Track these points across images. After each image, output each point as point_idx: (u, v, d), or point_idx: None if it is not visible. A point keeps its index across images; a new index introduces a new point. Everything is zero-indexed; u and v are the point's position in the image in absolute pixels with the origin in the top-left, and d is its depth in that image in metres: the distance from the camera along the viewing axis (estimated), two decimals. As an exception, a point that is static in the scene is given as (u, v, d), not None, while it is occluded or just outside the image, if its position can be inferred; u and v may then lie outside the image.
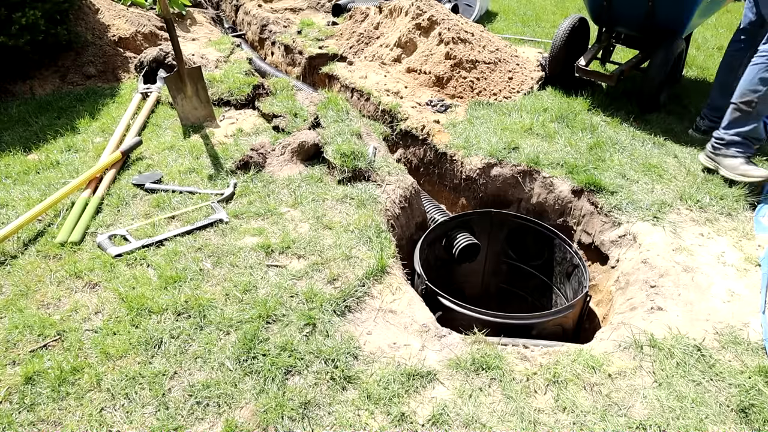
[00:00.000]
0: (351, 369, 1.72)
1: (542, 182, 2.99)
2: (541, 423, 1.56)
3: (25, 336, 1.84)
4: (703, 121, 3.39)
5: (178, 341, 1.82)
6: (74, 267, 2.16)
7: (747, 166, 2.76)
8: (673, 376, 1.72)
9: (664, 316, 2.00)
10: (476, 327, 1.98)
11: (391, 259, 2.25)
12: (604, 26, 3.96)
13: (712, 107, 3.31)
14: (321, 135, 3.14)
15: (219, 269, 2.17)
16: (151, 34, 5.08)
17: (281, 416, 1.56)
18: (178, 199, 2.66)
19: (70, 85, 4.30)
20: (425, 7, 4.53)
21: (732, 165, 2.80)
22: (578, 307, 2.33)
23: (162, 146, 3.18)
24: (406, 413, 1.58)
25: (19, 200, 2.63)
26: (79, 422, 1.55)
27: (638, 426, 1.55)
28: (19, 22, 3.77)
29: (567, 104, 3.77)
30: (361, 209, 2.55)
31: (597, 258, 2.76)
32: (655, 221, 2.53)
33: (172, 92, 3.34)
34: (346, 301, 1.99)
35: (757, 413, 1.59)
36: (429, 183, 3.61)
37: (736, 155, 2.80)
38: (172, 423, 1.54)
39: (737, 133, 2.81)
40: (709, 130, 3.18)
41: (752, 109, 2.74)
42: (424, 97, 4.03)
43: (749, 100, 2.73)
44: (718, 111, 3.16)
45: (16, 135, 3.39)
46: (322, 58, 4.94)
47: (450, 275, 3.13)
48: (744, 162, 2.78)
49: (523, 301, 3.14)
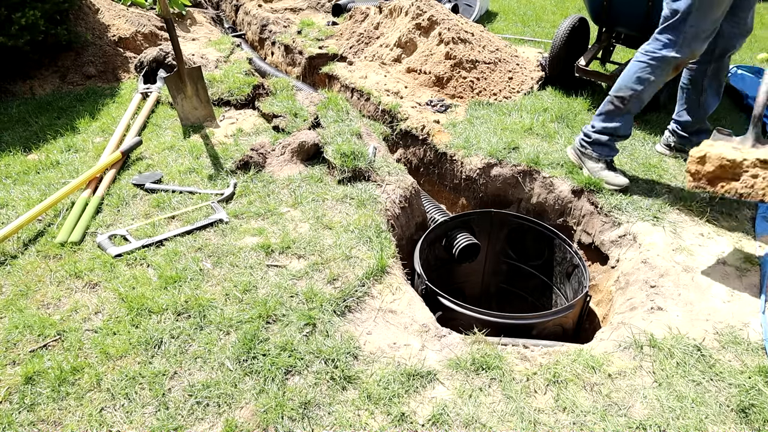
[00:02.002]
0: (351, 369, 1.72)
1: (542, 182, 2.99)
2: (541, 423, 1.56)
3: (25, 336, 1.84)
4: (673, 137, 3.14)
5: (178, 341, 1.82)
6: (74, 267, 2.16)
7: (606, 172, 2.80)
8: (673, 376, 1.72)
9: (664, 316, 2.00)
10: (476, 327, 1.98)
11: (391, 259, 2.25)
12: (604, 26, 3.95)
13: (682, 123, 3.08)
14: (321, 135, 3.14)
15: (219, 269, 2.17)
16: (151, 34, 5.08)
17: (281, 416, 1.56)
18: (178, 199, 2.65)
19: (70, 85, 4.30)
20: (425, 7, 4.53)
21: (593, 168, 2.85)
22: (578, 307, 2.33)
23: (162, 146, 3.18)
24: (406, 413, 1.58)
25: (19, 200, 2.63)
26: (79, 422, 1.55)
27: (638, 426, 1.55)
28: (18, 22, 3.77)
29: (567, 104, 3.77)
30: (361, 209, 2.55)
31: (597, 258, 2.76)
32: (655, 221, 2.53)
33: (172, 92, 3.34)
34: (346, 301, 1.99)
35: (757, 413, 1.59)
36: (429, 183, 3.61)
37: (599, 158, 2.83)
38: (172, 423, 1.54)
39: (604, 129, 2.81)
40: (680, 146, 3.09)
41: (623, 106, 2.72)
42: (424, 97, 4.04)
43: (623, 96, 2.70)
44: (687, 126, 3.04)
45: (16, 135, 3.39)
46: (322, 58, 4.94)
47: (450, 275, 3.13)
48: (605, 168, 2.81)
49: (523, 301, 3.14)
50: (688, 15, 2.40)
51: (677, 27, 2.46)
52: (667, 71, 2.57)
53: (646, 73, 2.61)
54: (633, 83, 2.66)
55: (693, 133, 3.02)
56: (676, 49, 2.49)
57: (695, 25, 2.41)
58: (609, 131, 2.80)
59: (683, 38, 2.46)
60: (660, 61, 2.55)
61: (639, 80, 2.64)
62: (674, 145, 3.13)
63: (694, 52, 2.50)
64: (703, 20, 2.40)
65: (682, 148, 3.08)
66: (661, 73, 2.58)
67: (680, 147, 3.10)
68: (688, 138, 3.04)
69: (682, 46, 2.48)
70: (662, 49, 2.53)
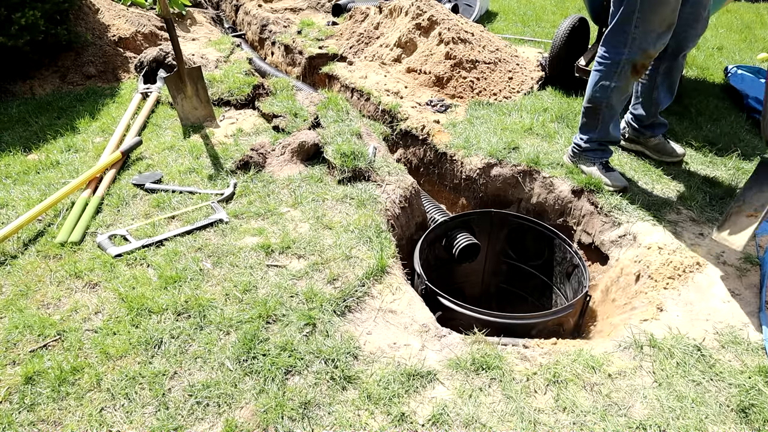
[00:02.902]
0: (351, 369, 1.72)
1: (542, 182, 2.99)
2: (541, 423, 1.56)
3: (25, 336, 1.84)
4: (628, 129, 3.15)
5: (178, 341, 1.82)
6: (74, 267, 2.16)
7: (603, 175, 2.76)
8: (673, 376, 1.72)
9: (664, 316, 2.00)
10: (476, 327, 1.98)
11: (391, 259, 2.25)
12: (604, 26, 3.95)
13: (636, 117, 3.08)
14: (321, 135, 3.14)
15: (219, 269, 2.17)
16: (151, 34, 5.08)
17: (281, 416, 1.56)
18: (178, 199, 2.65)
19: (70, 85, 4.30)
20: (425, 7, 4.53)
21: (591, 172, 2.82)
22: (578, 307, 2.33)
23: (162, 146, 3.18)
24: (406, 413, 1.58)
25: (19, 200, 2.63)
26: (79, 422, 1.55)
27: (638, 426, 1.55)
28: (18, 22, 3.77)
29: (567, 104, 3.77)
30: (361, 209, 2.55)
31: (597, 258, 2.76)
32: (655, 221, 2.53)
33: (172, 92, 3.34)
34: (346, 301, 1.99)
35: (757, 413, 1.59)
36: (429, 183, 3.61)
37: (593, 162, 2.80)
38: (172, 423, 1.54)
39: (590, 139, 2.78)
40: (635, 138, 3.11)
41: (597, 116, 2.69)
42: (424, 97, 4.04)
43: (593, 107, 2.68)
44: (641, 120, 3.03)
45: (16, 135, 3.39)
46: (322, 58, 4.94)
47: (450, 275, 3.13)
48: (601, 169, 2.77)
49: (523, 301, 3.14)
50: (632, 15, 2.35)
51: (622, 28, 2.42)
52: (625, 74, 2.51)
53: (606, 80, 2.58)
54: (597, 93, 2.64)
55: (646, 127, 3.03)
56: (626, 51, 2.44)
57: (640, 25, 2.36)
58: (595, 140, 2.79)
59: (631, 39, 2.41)
60: (614, 65, 2.51)
61: (602, 88, 2.61)
62: (629, 136, 3.15)
63: (648, 52, 2.43)
64: (649, 19, 2.34)
65: (636, 140, 3.11)
66: (621, 77, 2.52)
67: (634, 138, 3.12)
68: (642, 131, 3.05)
69: (631, 47, 2.42)
70: (612, 52, 2.50)
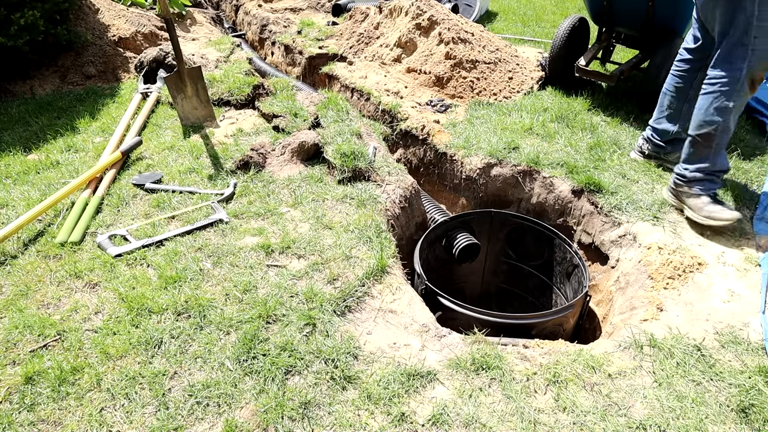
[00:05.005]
0: (351, 369, 1.72)
1: (542, 182, 2.99)
2: (541, 423, 1.56)
3: (25, 336, 1.84)
4: (647, 145, 2.99)
5: (178, 341, 1.82)
6: (74, 267, 2.16)
7: (712, 206, 2.44)
8: (673, 376, 1.72)
9: (664, 316, 2.00)
10: (476, 327, 1.98)
11: (391, 259, 2.25)
12: (604, 26, 3.96)
13: (660, 131, 2.92)
14: (321, 135, 3.14)
15: (219, 269, 2.17)
16: (151, 34, 5.08)
17: (281, 416, 1.56)
18: (178, 199, 2.65)
19: (70, 85, 4.30)
20: (425, 7, 4.53)
21: (696, 205, 2.49)
22: (578, 307, 2.33)
23: (162, 146, 3.18)
24: (406, 413, 1.58)
25: (19, 200, 2.63)
26: (79, 422, 1.55)
27: (638, 426, 1.55)
28: (18, 22, 3.77)
29: (567, 104, 3.77)
30: (361, 209, 2.55)
31: (597, 258, 2.76)
32: (655, 221, 2.53)
33: (172, 92, 3.34)
34: (346, 301, 1.99)
35: (757, 413, 1.59)
36: (429, 183, 3.61)
37: (700, 194, 2.49)
38: (172, 423, 1.54)
39: (698, 169, 2.51)
40: (654, 155, 2.97)
41: (712, 142, 2.45)
42: (424, 97, 4.04)
43: (707, 133, 2.44)
44: (664, 135, 2.89)
45: (16, 135, 3.39)
46: (322, 58, 4.94)
47: (450, 275, 3.13)
48: (709, 202, 2.47)
49: (523, 301, 3.15)
50: (750, 28, 2.20)
51: (741, 41, 2.25)
52: (744, 90, 2.33)
53: (725, 101, 2.36)
54: (712, 116, 2.40)
55: (669, 143, 2.89)
56: (746, 65, 2.26)
57: (760, 35, 2.20)
58: (704, 170, 2.51)
59: (750, 51, 2.23)
60: (734, 83, 2.31)
61: (719, 111, 2.38)
62: (648, 153, 3.01)
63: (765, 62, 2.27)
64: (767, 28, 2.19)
65: (657, 156, 2.97)
66: (740, 94, 2.34)
67: (654, 155, 2.99)
68: (663, 147, 2.91)
69: (750, 60, 2.25)
70: (729, 69, 2.31)
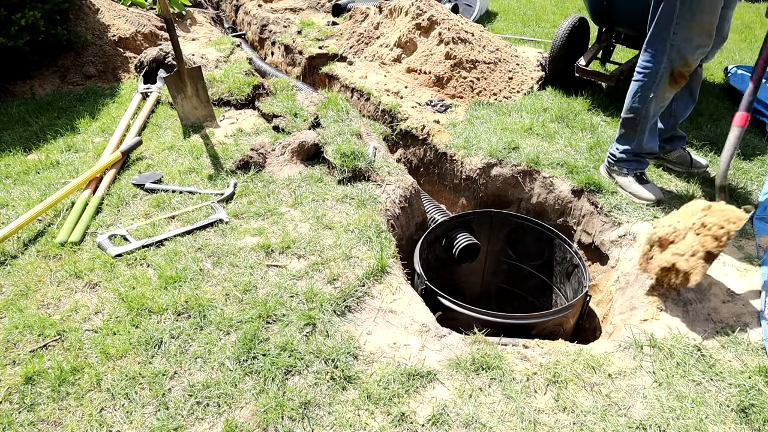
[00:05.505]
0: (351, 369, 1.72)
1: (542, 182, 2.99)
2: (541, 423, 1.56)
3: (25, 336, 1.84)
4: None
5: (178, 341, 1.82)
6: (74, 267, 2.16)
7: (636, 186, 2.68)
8: (673, 376, 1.72)
9: (664, 316, 2.00)
10: (476, 327, 1.98)
11: (391, 259, 2.25)
12: (604, 26, 3.95)
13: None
14: (321, 135, 3.14)
15: (219, 269, 2.17)
16: (151, 34, 5.08)
17: (281, 416, 1.56)
18: (178, 199, 2.65)
19: (70, 85, 4.30)
20: (425, 7, 4.53)
21: (624, 183, 2.75)
22: (578, 307, 2.33)
23: (162, 146, 3.18)
24: (406, 413, 1.58)
25: (19, 200, 2.63)
26: (79, 422, 1.55)
27: (638, 426, 1.55)
28: (18, 22, 3.77)
29: (567, 104, 3.77)
30: (361, 209, 2.55)
31: (597, 258, 2.76)
32: (655, 221, 2.53)
33: (172, 92, 3.34)
34: (346, 301, 1.99)
35: (757, 413, 1.59)
36: (429, 183, 3.61)
37: (627, 173, 2.73)
38: (172, 423, 1.54)
39: (625, 150, 2.72)
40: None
41: (636, 126, 2.64)
42: (424, 97, 4.04)
43: (631, 118, 2.63)
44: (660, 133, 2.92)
45: (16, 135, 3.39)
46: (322, 58, 4.94)
47: (450, 275, 3.13)
48: (634, 181, 2.70)
49: (523, 301, 3.14)
50: (670, 23, 2.34)
51: (661, 36, 2.40)
52: (663, 83, 2.48)
53: (645, 90, 2.54)
54: (635, 103, 2.59)
55: (666, 141, 2.95)
56: (665, 59, 2.41)
57: (679, 32, 2.34)
58: (632, 151, 2.72)
59: (669, 46, 2.39)
60: (654, 74, 2.47)
61: (640, 99, 2.57)
62: None
63: (687, 60, 2.40)
64: (688, 27, 2.33)
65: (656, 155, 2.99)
66: (659, 86, 2.49)
67: None
68: (661, 145, 2.95)
69: (670, 55, 2.40)
70: (651, 61, 2.47)
